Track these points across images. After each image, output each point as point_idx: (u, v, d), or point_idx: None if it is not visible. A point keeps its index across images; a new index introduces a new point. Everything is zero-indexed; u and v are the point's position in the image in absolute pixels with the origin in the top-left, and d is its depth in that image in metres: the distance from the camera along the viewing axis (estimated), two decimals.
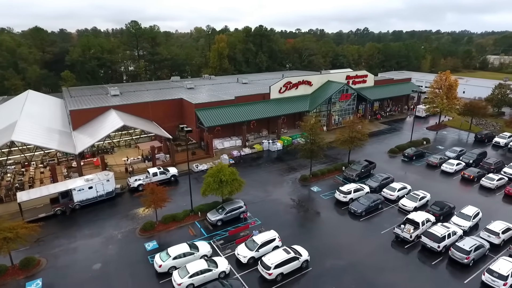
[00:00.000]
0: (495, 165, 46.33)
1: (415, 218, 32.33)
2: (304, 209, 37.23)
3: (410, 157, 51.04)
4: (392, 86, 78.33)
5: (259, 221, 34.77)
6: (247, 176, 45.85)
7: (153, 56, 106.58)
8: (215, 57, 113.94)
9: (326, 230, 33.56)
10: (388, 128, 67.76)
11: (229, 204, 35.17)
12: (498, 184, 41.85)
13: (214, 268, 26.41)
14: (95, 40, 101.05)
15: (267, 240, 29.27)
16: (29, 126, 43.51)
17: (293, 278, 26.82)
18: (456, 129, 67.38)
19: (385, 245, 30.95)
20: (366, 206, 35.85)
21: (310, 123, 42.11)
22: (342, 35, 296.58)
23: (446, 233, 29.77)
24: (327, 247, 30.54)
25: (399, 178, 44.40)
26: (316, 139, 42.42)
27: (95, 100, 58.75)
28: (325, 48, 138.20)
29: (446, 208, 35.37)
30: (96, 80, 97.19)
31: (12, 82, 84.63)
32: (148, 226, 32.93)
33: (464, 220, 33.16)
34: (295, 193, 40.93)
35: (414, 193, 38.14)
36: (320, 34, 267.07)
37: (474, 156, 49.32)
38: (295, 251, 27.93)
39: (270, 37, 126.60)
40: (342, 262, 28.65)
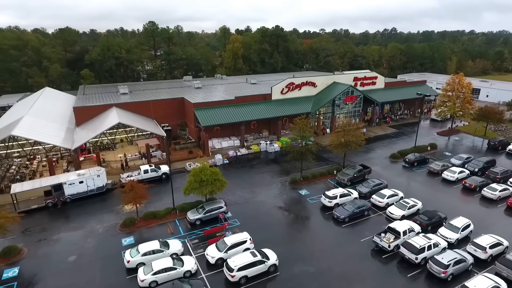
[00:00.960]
0: (502, 175, 43.33)
1: (396, 227, 30.93)
2: (287, 213, 36.65)
3: (411, 163, 48.87)
4: (404, 88, 75.28)
5: (238, 223, 34.65)
6: (238, 176, 46.04)
7: (169, 55, 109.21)
8: (229, 57, 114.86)
9: (303, 235, 32.86)
10: (395, 132, 65.20)
11: (209, 204, 35.30)
12: (501, 195, 39.10)
13: (179, 267, 26.61)
14: (113, 40, 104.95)
15: (238, 242, 29.07)
16: (33, 122, 45.92)
17: (258, 282, 26.45)
18: (470, 135, 63.66)
19: (362, 254, 29.81)
20: (350, 212, 34.71)
21: (300, 125, 41.34)
22: (368, 36, 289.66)
23: (426, 244, 28.21)
24: (300, 252, 29.88)
25: (395, 184, 42.68)
26: (306, 141, 41.66)
27: (105, 98, 60.99)
28: (343, 49, 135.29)
29: (436, 218, 33.54)
30: (114, 78, 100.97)
31: (36, 79, 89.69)
32: (128, 222, 33.75)
33: (452, 232, 31.28)
34: (281, 195, 40.40)
35: (404, 201, 36.48)
36: (344, 35, 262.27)
37: (480, 164, 46.42)
38: (263, 255, 27.54)
39: (286, 37, 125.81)
40: (312, 269, 27.91)
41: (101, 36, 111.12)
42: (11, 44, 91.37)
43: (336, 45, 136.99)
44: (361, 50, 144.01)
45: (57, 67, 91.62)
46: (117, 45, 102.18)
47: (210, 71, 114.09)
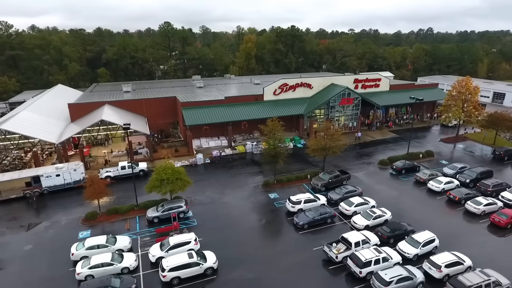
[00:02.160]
0: (494, 188, 39.65)
1: (349, 237, 29.33)
2: (249, 216, 36.02)
3: (399, 171, 46.14)
4: (410, 92, 71.11)
5: (196, 223, 34.61)
6: (214, 176, 46.03)
7: (183, 55, 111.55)
8: (242, 57, 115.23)
9: (257, 239, 32.12)
10: (395, 137, 61.85)
11: (169, 202, 35.57)
12: (486, 209, 35.78)
13: (117, 263, 27.04)
14: (129, 40, 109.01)
15: (181, 242, 29.02)
16: (28, 117, 48.89)
17: (193, 284, 26.27)
18: (478, 143, 58.91)
19: (309, 263, 28.55)
20: (310, 219, 33.43)
21: (270, 127, 40.45)
22: (401, 36, 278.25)
23: (373, 258, 26.48)
24: (246, 257, 29.24)
25: (373, 192, 40.62)
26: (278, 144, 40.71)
27: (108, 95, 63.72)
28: (362, 50, 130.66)
29: (400, 230, 31.40)
30: (129, 77, 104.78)
31: (55, 77, 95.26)
32: (89, 216, 34.88)
33: (412, 246, 29.10)
34: (250, 198, 39.78)
35: (371, 210, 34.50)
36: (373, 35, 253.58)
37: (473, 175, 42.80)
38: (201, 257, 27.28)
39: (302, 37, 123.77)
40: (252, 275, 27.22)
41: (118, 36, 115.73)
42: (36, 43, 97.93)
43: (355, 46, 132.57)
44: (382, 51, 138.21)
45: (75, 65, 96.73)
46: (132, 45, 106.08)
47: (223, 71, 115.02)
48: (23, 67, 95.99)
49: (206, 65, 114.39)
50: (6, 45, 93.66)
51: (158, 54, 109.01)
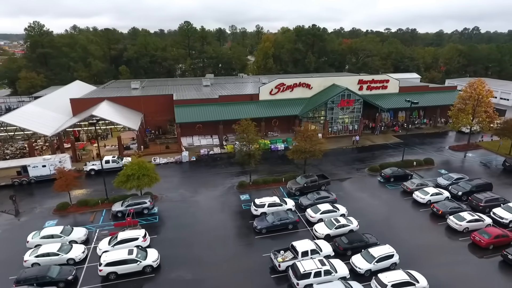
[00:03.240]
0: (487, 203, 35.58)
1: (298, 246, 27.75)
2: (212, 216, 35.48)
3: (387, 178, 43.07)
4: (423, 94, 66.37)
5: (156, 220, 34.75)
6: (193, 174, 46.11)
7: (201, 54, 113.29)
8: (259, 56, 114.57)
9: (210, 240, 31.37)
10: (398, 143, 57.87)
11: (134, 198, 36.05)
12: (470, 226, 32.20)
13: (64, 254, 27.84)
14: (150, 39, 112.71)
15: (128, 238, 29.23)
16: (31, 110, 52.25)
17: (129, 280, 26.30)
18: (492, 152, 53.39)
19: (255, 269, 27.40)
20: (268, 223, 32.20)
21: (244, 127, 39.51)
22: (443, 36, 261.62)
23: (313, 270, 24.81)
24: (192, 258, 28.77)
25: (352, 200, 38.43)
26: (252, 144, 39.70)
27: (116, 91, 66.48)
28: (388, 50, 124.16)
29: (359, 242, 29.20)
30: (148, 75, 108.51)
31: (79, 73, 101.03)
32: (60, 206, 36.33)
33: (365, 260, 26.90)
34: (220, 198, 39.21)
35: (336, 219, 32.40)
36: (410, 34, 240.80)
37: (467, 187, 38.76)
38: (142, 254, 27.24)
39: (323, 37, 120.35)
40: (190, 276, 26.73)
41: (139, 35, 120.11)
42: (64, 42, 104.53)
43: (381, 46, 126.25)
44: (411, 51, 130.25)
45: (98, 63, 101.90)
46: (153, 44, 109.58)
47: (240, 70, 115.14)
48: (52, 64, 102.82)
49: (224, 64, 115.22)
50: (38, 44, 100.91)
51: (177, 53, 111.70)
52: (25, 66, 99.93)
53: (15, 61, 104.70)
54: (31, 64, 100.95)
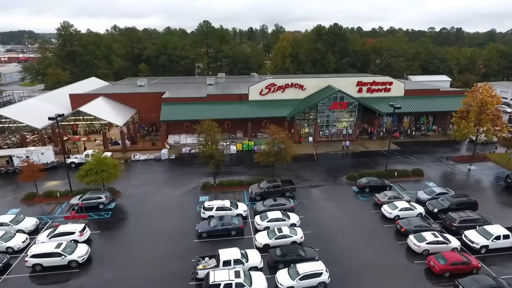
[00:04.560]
0: (461, 223, 31.34)
1: (221, 254, 26.41)
2: (163, 215, 35.11)
3: (361, 188, 39.81)
4: (431, 99, 60.65)
5: (108, 216, 35.15)
6: (165, 172, 46.29)
7: (217, 53, 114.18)
8: (276, 56, 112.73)
9: (149, 241, 30.94)
10: (394, 150, 53.30)
11: (92, 193, 36.78)
12: (431, 248, 28.52)
13: (3, 242, 29.08)
14: (170, 38, 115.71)
15: (66, 231, 29.83)
16: (30, 104, 55.83)
17: (53, 274, 26.74)
18: (500, 165, 47.20)
19: (177, 274, 26.39)
20: (209, 228, 31.16)
21: (206, 127, 38.63)
22: (495, 35, 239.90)
23: (224, 281, 23.38)
24: (121, 257, 28.69)
25: (315, 208, 36.25)
26: (214, 145, 38.77)
27: (124, 88, 69.08)
28: (416, 50, 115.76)
29: (293, 256, 27.09)
30: (167, 73, 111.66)
31: (102, 70, 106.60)
32: (28, 196, 38.20)
33: (289, 277, 24.85)
34: (179, 198, 38.78)
35: (279, 228, 30.37)
36: (455, 34, 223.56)
37: (445, 204, 34.52)
38: (70, 249, 27.56)
39: (344, 36, 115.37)
40: (110, 274, 26.62)
41: (160, 34, 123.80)
42: (90, 41, 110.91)
43: (408, 46, 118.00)
44: (444, 51, 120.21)
45: (118, 60, 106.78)
46: (172, 43, 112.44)
47: (256, 69, 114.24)
48: (78, 61, 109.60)
49: (240, 63, 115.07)
50: (67, 42, 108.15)
51: (195, 51, 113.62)
52: (54, 63, 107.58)
53: (47, 59, 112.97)
54: (60, 61, 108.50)
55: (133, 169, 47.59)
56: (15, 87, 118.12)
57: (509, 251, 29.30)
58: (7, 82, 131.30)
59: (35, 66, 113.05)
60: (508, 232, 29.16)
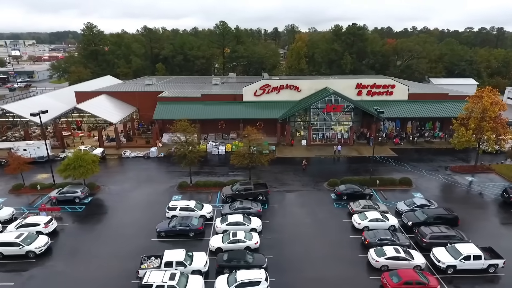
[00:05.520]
0: (432, 239, 28.89)
1: (165, 255, 26.38)
2: (132, 212, 35.72)
3: (339, 195, 38.03)
4: (442, 103, 56.63)
5: (80, 210, 36.30)
6: (149, 169, 47.23)
7: (232, 53, 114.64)
8: (291, 56, 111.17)
9: (110, 236, 31.63)
10: (390, 156, 50.51)
11: (70, 187, 38.20)
12: (390, 264, 26.55)
13: None
14: (187, 38, 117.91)
15: (31, 223, 31.23)
16: (38, 100, 59.18)
17: (12, 262, 27.96)
18: (505, 178, 43.02)
19: (123, 271, 26.63)
20: (167, 227, 31.24)
21: (182, 126, 38.74)
22: None
23: (155, 283, 23.25)
24: (79, 251, 29.50)
25: (285, 214, 35.29)
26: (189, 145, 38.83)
27: (132, 86, 71.50)
28: (440, 51, 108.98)
29: (240, 261, 26.32)
30: (183, 72, 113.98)
31: (121, 69, 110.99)
32: (15, 187, 40.51)
33: (226, 283, 24.17)
34: (154, 195, 39.25)
35: (234, 232, 29.58)
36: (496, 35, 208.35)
37: (421, 217, 32.01)
38: (30, 240, 28.71)
39: (363, 36, 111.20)
40: (62, 267, 27.49)
41: (177, 35, 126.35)
42: (112, 40, 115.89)
43: (432, 46, 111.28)
44: (473, 53, 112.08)
45: (137, 60, 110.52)
46: (189, 43, 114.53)
47: (271, 70, 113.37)
48: (100, 60, 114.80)
49: (254, 63, 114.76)
50: (91, 42, 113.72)
51: (211, 52, 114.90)
52: (79, 61, 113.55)
53: (72, 57, 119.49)
54: (84, 60, 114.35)
55: (121, 165, 48.98)
56: (46, 84, 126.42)
57: (483, 274, 26.63)
58: (39, 79, 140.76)
59: (62, 65, 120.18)
60: (480, 253, 26.43)
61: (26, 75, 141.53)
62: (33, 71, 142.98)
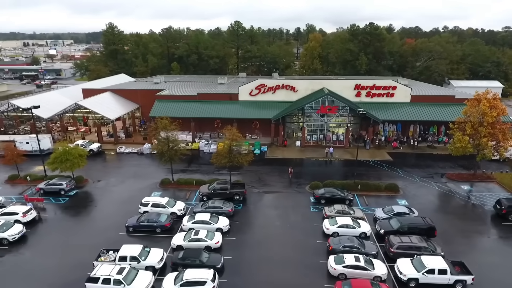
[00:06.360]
0: (400, 249, 27.28)
1: (122, 249, 26.89)
2: (109, 206, 36.78)
3: (317, 198, 36.94)
4: (448, 107, 53.41)
5: (63, 201, 37.80)
6: (140, 166, 48.46)
7: (245, 53, 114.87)
8: (305, 56, 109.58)
9: (83, 229, 32.74)
10: (383, 161, 48.31)
11: (57, 179, 39.95)
12: (348, 273, 25.38)
13: None
14: (201, 37, 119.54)
15: (10, 211, 32.96)
16: (47, 96, 62.40)
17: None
18: (506, 189, 39.78)
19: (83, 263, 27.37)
20: (136, 223, 31.81)
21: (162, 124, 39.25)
22: None
23: (102, 276, 23.76)
24: (50, 242, 30.82)
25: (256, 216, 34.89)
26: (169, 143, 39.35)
27: (141, 84, 73.79)
28: (463, 52, 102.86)
29: (195, 260, 26.21)
30: (197, 71, 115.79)
31: (138, 68, 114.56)
32: (11, 177, 42.95)
33: (173, 283, 24.17)
34: (136, 191, 39.92)
35: (196, 231, 29.56)
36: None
37: (395, 226, 30.32)
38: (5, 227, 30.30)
39: (380, 36, 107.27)
40: (29, 255, 28.82)
41: (193, 34, 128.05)
42: (131, 40, 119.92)
43: (455, 47, 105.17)
44: (500, 53, 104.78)
45: (153, 59, 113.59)
46: (203, 42, 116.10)
47: (283, 70, 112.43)
48: (119, 59, 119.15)
49: (267, 63, 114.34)
50: (111, 42, 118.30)
51: (225, 51, 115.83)
52: (99, 60, 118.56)
53: (94, 56, 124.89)
54: (104, 58, 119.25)
55: (114, 160, 50.57)
56: (72, 81, 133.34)
57: None
58: (66, 77, 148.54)
59: (85, 63, 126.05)
60: (446, 267, 24.60)
61: (54, 73, 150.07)
62: (60, 69, 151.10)
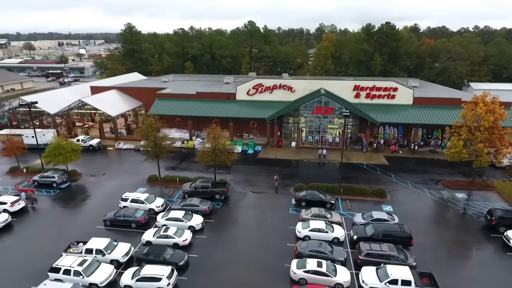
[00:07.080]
0: (368, 256, 26.17)
1: (90, 242, 27.60)
2: (94, 200, 37.92)
3: (298, 201, 36.22)
4: (452, 110, 50.64)
5: (53, 194, 39.35)
6: (134, 162, 49.58)
7: (258, 53, 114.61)
8: (317, 57, 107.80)
9: (66, 221, 34.09)
10: (378, 164, 46.54)
11: (50, 172, 41.69)
12: (308, 278, 24.63)
13: None
14: (215, 37, 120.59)
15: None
16: (58, 93, 65.26)
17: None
18: (505, 199, 37.14)
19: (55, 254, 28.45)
20: (113, 217, 32.61)
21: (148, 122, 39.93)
22: None
23: (63, 266, 24.61)
24: (33, 229, 32.25)
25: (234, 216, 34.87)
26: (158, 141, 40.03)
27: (148, 83, 75.80)
28: (485, 53, 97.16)
29: (159, 256, 26.56)
30: (210, 70, 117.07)
31: (153, 67, 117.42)
32: (12, 169, 45.34)
33: (130, 277, 24.54)
34: (124, 186, 40.45)
35: (166, 228, 29.92)
36: None
37: (369, 232, 29.13)
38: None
39: (396, 36, 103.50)
40: (9, 243, 30.33)
41: (206, 34, 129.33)
42: (148, 39, 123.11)
43: (478, 47, 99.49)
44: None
45: (167, 58, 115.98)
46: (217, 42, 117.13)
47: (296, 70, 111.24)
48: (136, 58, 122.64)
49: (279, 63, 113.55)
50: (128, 41, 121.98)
51: (237, 51, 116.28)
52: (117, 59, 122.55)
53: (113, 55, 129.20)
54: (122, 57, 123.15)
55: (111, 156, 52.09)
56: (93, 79, 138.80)
57: None
58: (89, 75, 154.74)
59: (104, 62, 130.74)
60: (411, 278, 23.33)
61: (78, 71, 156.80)
62: (83, 67, 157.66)
